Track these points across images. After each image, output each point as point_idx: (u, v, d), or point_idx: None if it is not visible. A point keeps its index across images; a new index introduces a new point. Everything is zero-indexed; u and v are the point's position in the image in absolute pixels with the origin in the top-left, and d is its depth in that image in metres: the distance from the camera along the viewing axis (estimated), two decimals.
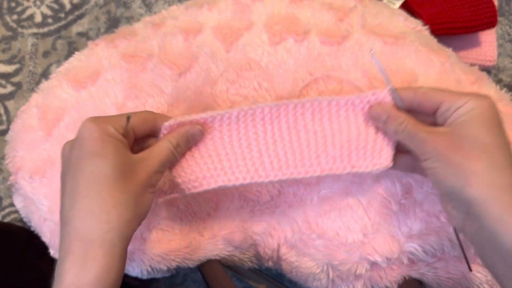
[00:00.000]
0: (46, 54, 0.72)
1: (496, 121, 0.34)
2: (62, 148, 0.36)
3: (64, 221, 0.33)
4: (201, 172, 0.40)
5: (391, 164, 0.39)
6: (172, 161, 0.38)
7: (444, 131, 0.34)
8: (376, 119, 0.38)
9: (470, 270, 0.41)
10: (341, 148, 0.39)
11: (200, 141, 0.40)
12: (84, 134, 0.34)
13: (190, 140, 0.39)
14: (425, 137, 0.35)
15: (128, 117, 0.36)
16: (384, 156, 0.39)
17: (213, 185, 0.40)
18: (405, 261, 0.44)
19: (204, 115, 0.39)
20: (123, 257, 0.33)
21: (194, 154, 0.40)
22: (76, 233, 0.32)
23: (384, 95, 0.38)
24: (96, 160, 0.33)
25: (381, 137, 0.39)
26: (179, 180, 0.40)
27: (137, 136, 0.38)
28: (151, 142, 0.39)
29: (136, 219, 0.34)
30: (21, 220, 0.52)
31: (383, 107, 0.38)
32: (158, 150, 0.37)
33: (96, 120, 0.35)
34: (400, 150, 0.40)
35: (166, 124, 0.38)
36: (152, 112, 0.39)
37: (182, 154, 0.39)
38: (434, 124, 0.36)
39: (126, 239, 0.33)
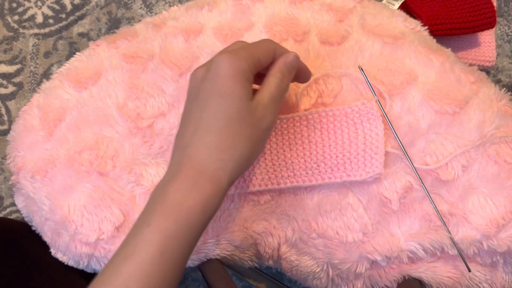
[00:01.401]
0: (47, 54, 0.72)
1: None
2: (193, 74, 0.37)
3: (181, 145, 0.35)
4: None
5: (382, 171, 0.42)
6: (281, 95, 0.37)
7: None
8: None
9: (469, 270, 0.42)
10: (337, 157, 0.42)
11: None
12: (218, 69, 0.34)
13: (290, 69, 0.37)
14: None
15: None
16: (375, 163, 0.41)
17: (232, 190, 0.44)
18: (405, 260, 0.44)
19: None
20: (223, 197, 0.34)
21: None
22: (190, 161, 0.34)
23: (371, 106, 0.42)
24: (224, 100, 0.34)
25: (371, 146, 0.42)
26: None
27: (262, 67, 0.37)
28: None
29: (245, 164, 0.35)
30: (22, 219, 0.52)
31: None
32: (269, 89, 0.36)
33: (232, 56, 0.34)
34: None
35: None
36: (272, 41, 0.37)
37: (289, 85, 0.38)
38: None
39: (231, 181, 0.35)
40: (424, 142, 0.43)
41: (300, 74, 0.39)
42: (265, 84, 0.36)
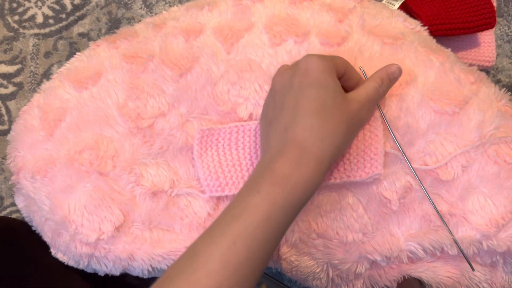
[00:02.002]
0: (47, 54, 0.72)
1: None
2: (279, 75, 0.40)
3: (279, 129, 0.37)
4: (225, 179, 0.44)
5: (382, 171, 0.42)
6: (377, 99, 0.40)
7: None
8: None
9: (473, 269, 0.42)
10: (337, 158, 0.42)
11: (227, 151, 0.44)
12: (309, 66, 0.37)
13: (391, 78, 0.40)
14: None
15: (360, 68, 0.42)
16: (374, 164, 0.41)
17: (233, 191, 0.44)
18: (405, 260, 0.44)
19: (232, 124, 0.44)
20: (323, 177, 0.36)
21: (221, 161, 0.44)
22: (295, 140, 0.36)
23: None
24: (320, 89, 0.36)
25: (370, 146, 0.42)
26: (205, 183, 0.44)
27: (340, 74, 0.40)
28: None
29: (342, 147, 0.38)
30: (22, 219, 0.52)
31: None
32: (366, 89, 0.39)
33: (317, 55, 0.38)
34: None
35: (200, 129, 0.43)
36: (344, 59, 0.40)
37: (386, 93, 0.41)
38: None
39: (330, 163, 0.36)
40: (424, 142, 0.43)
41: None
42: (363, 85, 0.39)
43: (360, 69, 0.42)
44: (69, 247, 0.47)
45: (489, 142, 0.42)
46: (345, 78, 0.40)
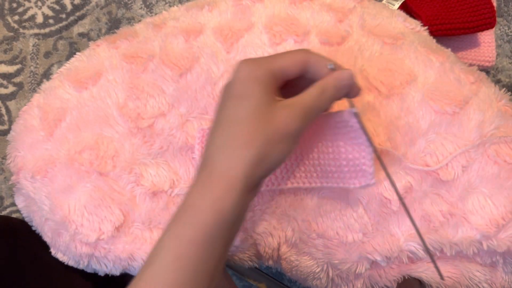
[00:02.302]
0: (47, 54, 0.72)
1: None
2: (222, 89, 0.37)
3: (203, 156, 0.35)
4: None
5: (374, 181, 0.40)
6: (318, 110, 0.35)
7: None
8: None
9: (442, 279, 0.42)
10: (329, 165, 0.41)
11: None
12: (237, 74, 0.34)
13: (338, 86, 0.35)
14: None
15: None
16: (366, 174, 0.40)
17: None
18: (405, 260, 0.44)
19: None
20: (244, 196, 0.33)
21: None
22: (205, 164, 0.34)
23: (348, 115, 0.39)
24: (237, 101, 0.34)
25: (359, 157, 0.40)
26: None
27: (288, 78, 0.36)
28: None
29: (261, 164, 0.33)
30: (22, 219, 0.52)
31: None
32: (303, 97, 0.35)
33: (249, 62, 0.34)
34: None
35: (200, 128, 0.40)
36: (306, 52, 0.36)
37: (331, 102, 0.36)
38: None
39: (248, 180, 0.33)
40: (424, 142, 0.43)
41: (351, 91, 0.37)
42: (303, 92, 0.35)
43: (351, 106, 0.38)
44: (69, 247, 0.47)
45: (489, 142, 0.42)
46: (310, 75, 0.36)
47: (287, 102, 0.34)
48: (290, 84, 0.37)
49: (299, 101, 0.34)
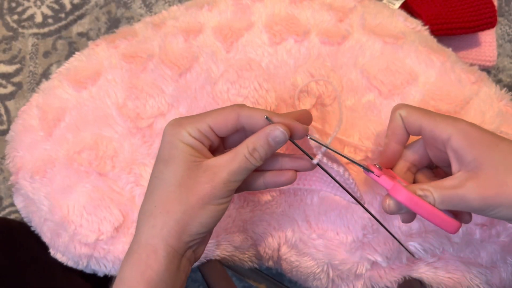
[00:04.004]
0: (46, 54, 0.72)
1: (482, 135, 0.34)
2: None
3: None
4: None
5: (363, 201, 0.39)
6: (249, 169, 0.34)
7: (463, 177, 0.33)
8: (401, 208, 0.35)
9: (413, 256, 0.41)
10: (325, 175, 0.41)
11: None
12: (162, 137, 0.35)
13: (271, 144, 0.34)
14: (460, 194, 0.33)
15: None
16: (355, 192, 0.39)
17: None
18: (405, 260, 0.44)
19: None
20: (173, 261, 0.33)
21: None
22: (136, 232, 0.34)
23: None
24: (162, 166, 0.34)
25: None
26: None
27: (222, 135, 0.35)
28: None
29: (185, 231, 0.33)
30: (21, 220, 0.52)
31: (392, 204, 0.35)
32: (231, 157, 0.34)
33: (174, 123, 0.34)
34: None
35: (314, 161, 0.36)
36: (237, 108, 0.34)
37: (263, 160, 0.34)
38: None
39: (171, 245, 0.33)
40: None
41: (294, 134, 0.35)
42: (231, 152, 0.34)
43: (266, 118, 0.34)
44: (68, 247, 0.47)
45: None
46: (248, 130, 0.35)
47: (212, 164, 0.33)
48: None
49: (225, 163, 0.33)
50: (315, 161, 0.36)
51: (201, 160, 0.34)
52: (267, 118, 0.33)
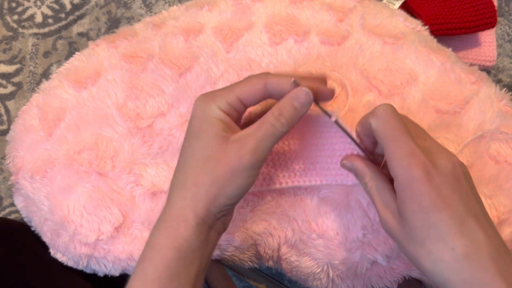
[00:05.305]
0: (46, 54, 0.72)
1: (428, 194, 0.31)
2: None
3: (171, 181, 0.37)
4: None
5: (351, 183, 0.40)
6: (276, 136, 0.34)
7: (397, 218, 0.33)
8: (347, 170, 0.38)
9: (364, 152, 0.38)
10: (326, 162, 0.41)
11: None
12: (192, 113, 0.36)
13: (297, 107, 0.34)
14: (381, 212, 0.34)
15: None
16: None
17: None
18: (405, 258, 0.44)
19: None
20: (202, 231, 0.34)
21: None
22: (167, 202, 0.36)
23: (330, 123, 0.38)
24: (192, 141, 0.35)
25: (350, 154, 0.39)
26: None
27: (250, 105, 0.36)
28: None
29: (214, 202, 0.34)
30: (21, 220, 0.52)
31: (351, 161, 0.37)
32: (257, 126, 0.34)
33: (204, 97, 0.35)
34: None
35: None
36: (263, 76, 0.35)
37: (290, 125, 0.35)
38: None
39: (201, 215, 0.34)
40: None
41: (321, 96, 0.36)
42: (257, 122, 0.35)
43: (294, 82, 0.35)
44: (68, 247, 0.47)
45: (489, 136, 0.42)
46: (276, 97, 0.35)
47: (239, 136, 0.34)
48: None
49: (251, 133, 0.34)
50: (333, 118, 0.36)
51: (230, 133, 0.35)
52: (294, 81, 0.34)
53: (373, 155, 0.38)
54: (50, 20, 0.73)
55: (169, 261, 0.33)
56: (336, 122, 0.37)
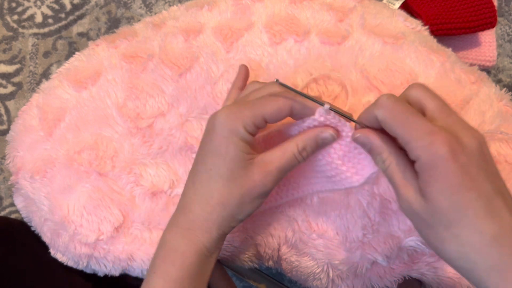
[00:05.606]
0: (46, 54, 0.72)
1: (472, 168, 0.29)
2: (211, 117, 0.36)
3: (183, 192, 0.38)
4: None
5: (376, 169, 0.38)
6: (295, 165, 0.37)
7: (419, 198, 0.31)
8: (361, 145, 0.36)
9: (361, 126, 0.35)
10: (327, 170, 0.40)
11: None
12: (214, 128, 0.35)
13: (319, 144, 0.36)
14: (402, 190, 0.32)
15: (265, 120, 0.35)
16: (366, 164, 0.38)
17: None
18: (405, 257, 0.44)
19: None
20: (220, 241, 0.38)
21: None
22: (184, 210, 0.37)
23: (322, 115, 0.36)
24: (218, 159, 0.35)
25: (348, 149, 0.38)
26: None
27: (272, 123, 0.36)
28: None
29: (233, 220, 0.37)
30: (21, 220, 0.52)
31: (366, 134, 0.34)
32: (281, 154, 0.36)
33: (230, 115, 0.35)
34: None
35: (322, 110, 0.35)
36: (290, 100, 0.35)
37: (309, 157, 0.37)
38: None
39: (222, 231, 0.37)
40: None
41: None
42: (280, 149, 0.36)
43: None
44: (68, 247, 0.47)
45: (489, 135, 0.42)
46: (294, 115, 0.36)
47: (263, 160, 0.36)
48: None
49: (275, 160, 0.36)
50: (326, 106, 0.35)
51: (254, 156, 0.36)
52: (328, 108, 0.35)
53: None
54: (50, 20, 0.73)
55: (190, 264, 0.36)
56: (331, 109, 0.36)
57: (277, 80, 0.36)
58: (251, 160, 0.35)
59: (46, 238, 0.49)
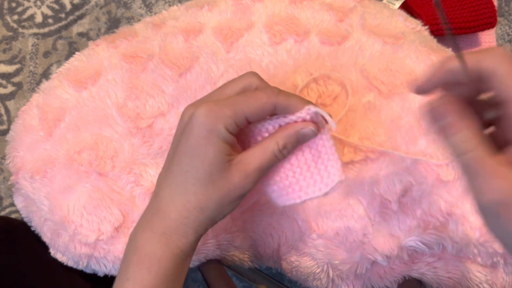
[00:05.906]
0: (46, 54, 0.72)
1: None
2: (183, 114, 0.35)
3: (156, 192, 0.36)
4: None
5: (343, 178, 0.37)
6: (275, 163, 0.35)
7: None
8: (432, 120, 0.28)
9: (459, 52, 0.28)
10: (316, 174, 0.38)
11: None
12: (193, 127, 0.33)
13: (300, 139, 0.35)
14: (493, 182, 0.25)
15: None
16: (332, 172, 0.37)
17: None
18: (405, 257, 0.44)
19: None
20: (196, 241, 0.36)
21: None
22: (159, 213, 0.35)
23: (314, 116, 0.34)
24: (195, 161, 0.33)
25: (324, 157, 0.37)
26: None
27: (253, 121, 0.35)
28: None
29: (211, 223, 0.36)
30: (21, 220, 0.52)
31: (446, 107, 0.27)
32: (260, 154, 0.34)
33: (210, 115, 0.32)
34: None
35: (307, 108, 0.34)
36: (274, 96, 0.33)
37: (289, 153, 0.35)
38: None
39: (199, 234, 0.36)
40: (425, 142, 0.43)
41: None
42: (259, 148, 0.34)
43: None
44: (68, 247, 0.47)
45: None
46: (279, 110, 0.34)
47: (242, 161, 0.34)
48: None
49: (255, 161, 0.34)
50: (311, 107, 0.34)
51: (234, 157, 0.34)
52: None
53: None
54: (50, 20, 0.73)
55: (166, 270, 0.35)
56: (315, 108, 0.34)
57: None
58: (230, 160, 0.34)
59: (46, 238, 0.49)
